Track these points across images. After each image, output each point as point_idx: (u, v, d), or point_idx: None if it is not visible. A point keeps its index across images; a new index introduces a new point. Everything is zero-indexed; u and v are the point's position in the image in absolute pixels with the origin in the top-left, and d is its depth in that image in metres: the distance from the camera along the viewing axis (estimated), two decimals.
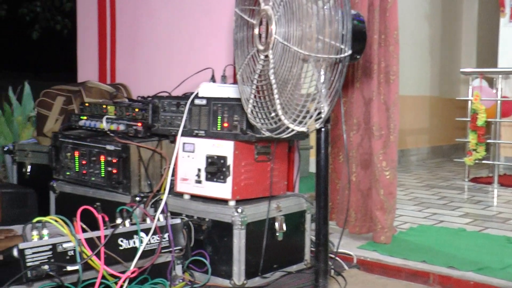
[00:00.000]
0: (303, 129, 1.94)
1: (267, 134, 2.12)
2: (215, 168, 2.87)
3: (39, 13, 11.48)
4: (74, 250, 2.39)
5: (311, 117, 1.93)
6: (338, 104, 3.04)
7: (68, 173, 3.50)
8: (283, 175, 3.15)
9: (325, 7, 1.81)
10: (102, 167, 3.28)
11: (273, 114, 2.07)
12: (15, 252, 2.27)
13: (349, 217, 3.66)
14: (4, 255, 2.30)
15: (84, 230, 2.47)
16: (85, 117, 3.51)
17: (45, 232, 2.41)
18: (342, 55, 1.80)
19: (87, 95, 3.87)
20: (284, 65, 1.95)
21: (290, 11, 1.88)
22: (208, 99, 2.92)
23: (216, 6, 3.85)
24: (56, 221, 2.40)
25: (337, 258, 3.21)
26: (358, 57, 1.93)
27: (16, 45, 16.87)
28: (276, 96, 2.03)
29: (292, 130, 1.98)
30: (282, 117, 2.01)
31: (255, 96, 2.17)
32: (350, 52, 1.79)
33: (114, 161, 3.20)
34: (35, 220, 2.41)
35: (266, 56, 2.06)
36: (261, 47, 2.07)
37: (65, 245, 2.39)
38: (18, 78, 7.58)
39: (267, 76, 2.07)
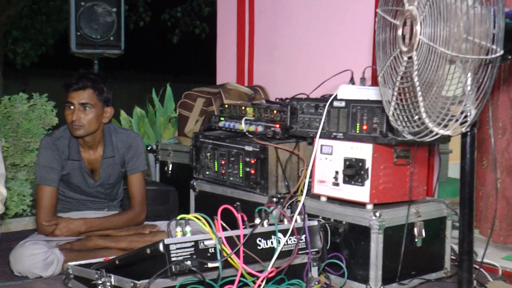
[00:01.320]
0: (448, 133, 1.87)
1: (409, 137, 2.07)
2: (353, 171, 2.84)
3: (179, 18, 11.97)
4: (215, 248, 2.46)
5: (456, 120, 1.86)
6: (484, 107, 2.91)
7: (207, 172, 3.62)
8: (423, 179, 3.06)
9: (475, 5, 1.73)
10: (241, 167, 3.36)
11: (416, 117, 2.01)
12: (161, 247, 2.37)
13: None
14: (151, 249, 2.42)
15: (224, 229, 2.53)
16: (224, 118, 3.61)
17: (188, 229, 2.50)
18: (493, 56, 1.71)
19: (226, 97, 3.98)
20: (429, 67, 1.89)
21: (437, 11, 1.82)
22: (347, 101, 2.89)
23: (355, 7, 3.82)
24: (198, 219, 2.48)
25: (481, 268, 3.06)
26: (510, 57, 1.83)
27: (158, 49, 17.71)
28: (420, 99, 1.97)
29: (436, 134, 1.92)
30: (426, 120, 1.95)
31: (396, 99, 2.12)
32: (501, 52, 1.70)
33: (252, 161, 3.27)
34: (179, 217, 2.50)
35: (410, 58, 2.00)
36: (404, 49, 2.02)
37: (206, 243, 2.46)
38: (160, 81, 7.96)
39: (410, 78, 2.02)
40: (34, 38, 11.84)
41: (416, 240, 2.91)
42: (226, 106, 3.70)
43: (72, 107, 3.23)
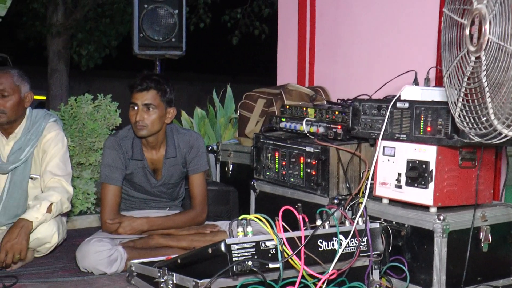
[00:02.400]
0: None
1: (476, 139, 2.02)
2: (416, 173, 2.79)
3: (239, 19, 12.04)
4: (276, 249, 2.46)
5: None
6: None
7: (268, 173, 3.62)
8: (489, 183, 2.98)
9: None
10: (301, 168, 3.35)
11: (483, 119, 1.97)
12: (223, 247, 2.39)
13: None
14: (212, 249, 2.44)
15: (285, 230, 2.53)
16: (285, 119, 3.61)
17: (249, 229, 2.51)
18: None
19: (287, 97, 3.97)
20: (499, 67, 1.84)
21: (508, 9, 1.77)
22: (411, 102, 2.85)
23: (419, 6, 3.75)
24: (260, 219, 2.49)
25: None
26: None
27: (218, 51, 17.86)
28: (488, 100, 1.92)
29: (505, 136, 1.87)
30: (494, 122, 1.90)
31: (463, 99, 2.08)
32: None
33: (313, 163, 3.25)
34: (240, 217, 2.52)
35: (478, 58, 1.96)
36: (472, 48, 1.97)
37: (267, 243, 2.46)
38: (219, 82, 8.02)
39: (478, 79, 1.97)
40: (98, 41, 12.11)
41: (482, 245, 2.84)
42: (287, 107, 3.70)
43: (136, 107, 3.29)
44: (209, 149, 4.55)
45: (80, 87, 14.62)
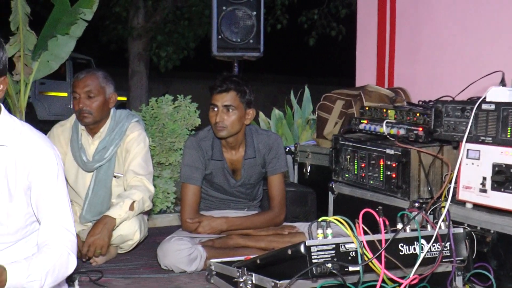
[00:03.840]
0: None
1: None
2: (503, 178, 2.70)
3: (316, 20, 12.00)
4: (356, 252, 2.43)
5: None
6: None
7: (347, 175, 3.59)
8: None
9: None
10: (381, 171, 3.30)
11: None
12: (302, 249, 2.38)
13: None
14: (292, 250, 2.43)
15: (365, 233, 2.50)
16: (365, 121, 3.56)
17: (329, 231, 2.49)
18: None
19: (367, 99, 3.92)
20: None
21: None
22: (498, 104, 2.75)
23: (504, 4, 3.62)
24: (340, 222, 2.47)
25: None
26: None
27: (294, 52, 17.88)
28: None
29: None
30: None
31: None
32: None
33: (394, 165, 3.20)
34: (320, 219, 2.50)
35: None
36: None
37: (347, 246, 2.44)
38: (296, 83, 8.02)
39: None
40: (177, 43, 12.37)
41: None
42: (367, 108, 3.65)
43: (215, 109, 3.33)
44: (286, 150, 4.55)
45: (159, 88, 14.97)
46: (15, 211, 2.31)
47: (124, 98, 12.39)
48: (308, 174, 4.34)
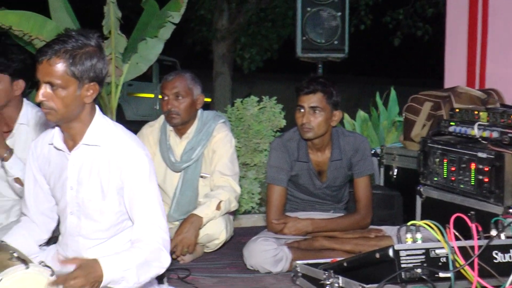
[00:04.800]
0: None
1: None
2: None
3: (401, 20, 11.78)
4: (447, 257, 2.37)
5: None
6: None
7: (435, 178, 3.50)
8: None
9: None
10: (472, 175, 3.20)
11: None
12: (391, 252, 2.34)
13: None
14: (380, 254, 2.40)
15: (456, 238, 2.43)
16: (454, 123, 3.46)
17: (418, 236, 2.44)
18: None
19: (457, 100, 3.81)
20: None
21: None
22: None
23: None
24: (429, 226, 2.41)
25: None
26: None
27: (378, 52, 17.63)
28: None
29: None
30: None
31: None
32: None
33: (486, 169, 3.10)
34: (409, 223, 2.45)
35: None
36: None
37: (437, 251, 2.38)
38: (379, 84, 7.90)
39: None
40: (260, 44, 12.46)
41: None
42: (457, 110, 3.54)
43: (302, 110, 3.32)
44: (372, 152, 4.48)
45: (242, 89, 15.11)
46: (107, 208, 2.40)
47: (209, 99, 12.59)
48: (394, 176, 4.26)
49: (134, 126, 3.67)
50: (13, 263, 1.98)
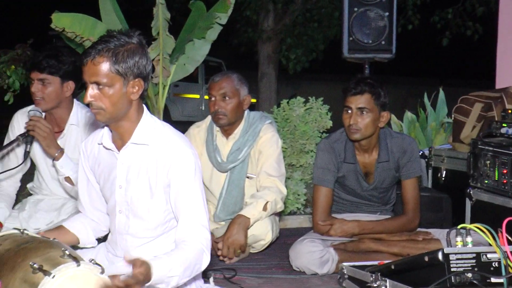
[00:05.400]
0: None
1: None
2: None
3: (449, 19, 11.57)
4: (499, 262, 2.32)
5: None
6: None
7: (486, 181, 3.43)
8: None
9: None
10: None
11: None
12: (440, 256, 2.31)
13: None
14: (429, 257, 2.36)
15: (509, 243, 2.37)
16: (506, 125, 3.39)
17: (468, 239, 2.40)
18: None
19: (509, 101, 3.73)
20: None
21: None
22: None
23: None
24: (480, 229, 2.36)
25: None
26: None
27: (426, 53, 17.37)
28: None
29: None
30: None
31: None
32: None
33: None
34: (460, 226, 2.41)
35: None
36: None
37: (489, 256, 2.34)
38: (426, 85, 7.79)
39: None
40: (306, 45, 12.41)
41: None
42: (509, 111, 3.47)
43: (349, 111, 3.30)
44: (420, 154, 4.41)
45: (287, 90, 15.11)
46: (155, 207, 2.43)
47: (254, 100, 12.62)
48: (443, 179, 4.19)
49: (180, 127, 3.70)
50: (64, 260, 2.01)
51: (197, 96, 14.58)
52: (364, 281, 2.70)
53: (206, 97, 13.52)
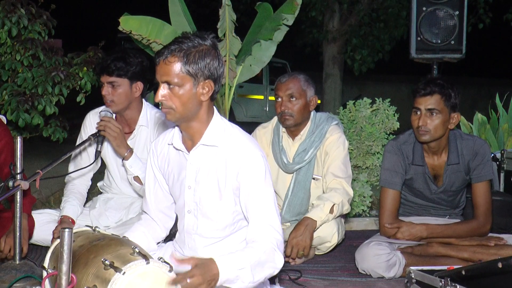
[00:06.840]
0: None
1: None
2: None
3: None
4: None
5: None
6: None
7: None
8: None
9: None
10: None
11: None
12: None
13: None
14: (502, 264, 2.29)
15: None
16: None
17: None
18: None
19: None
20: None
21: None
22: None
23: None
24: None
25: None
26: None
27: (498, 52, 16.84)
28: None
29: None
30: None
31: None
32: None
33: None
34: None
35: None
36: None
37: None
38: (499, 86, 7.55)
39: None
40: (372, 45, 12.25)
41: None
42: None
43: (418, 112, 3.23)
44: (491, 156, 4.29)
45: (352, 90, 14.97)
46: (224, 208, 2.44)
47: (318, 101, 12.54)
48: None
49: (244, 127, 3.72)
50: (134, 257, 2.06)
51: (261, 97, 14.61)
52: (433, 286, 2.64)
53: (270, 98, 13.56)
